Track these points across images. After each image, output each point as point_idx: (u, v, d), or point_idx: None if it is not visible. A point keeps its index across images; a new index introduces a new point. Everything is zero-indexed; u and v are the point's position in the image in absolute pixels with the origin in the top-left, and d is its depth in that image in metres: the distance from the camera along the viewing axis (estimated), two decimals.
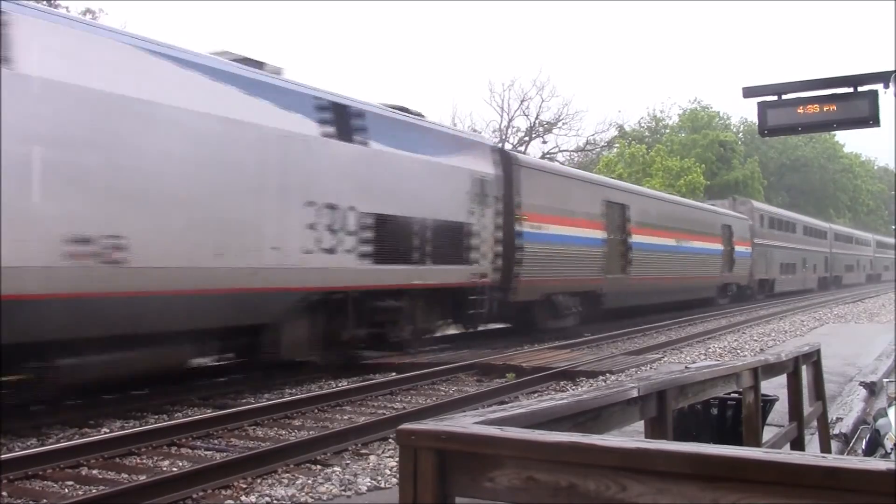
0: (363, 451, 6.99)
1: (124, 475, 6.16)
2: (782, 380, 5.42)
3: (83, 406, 8.74)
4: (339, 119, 11.38)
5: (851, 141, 76.77)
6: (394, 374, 11.19)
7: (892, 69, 8.31)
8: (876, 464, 1.42)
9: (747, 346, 14.90)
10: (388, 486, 5.75)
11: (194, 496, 5.57)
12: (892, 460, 1.43)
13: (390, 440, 7.12)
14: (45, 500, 5.53)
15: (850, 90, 8.50)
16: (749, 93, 8.94)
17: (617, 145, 45.68)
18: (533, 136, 43.01)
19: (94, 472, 6.27)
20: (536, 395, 9.78)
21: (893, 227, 66.71)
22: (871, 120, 8.46)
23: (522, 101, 42.39)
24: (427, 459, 1.77)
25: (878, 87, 8.38)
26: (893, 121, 9.47)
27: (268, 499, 5.47)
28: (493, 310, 15.11)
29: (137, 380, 9.37)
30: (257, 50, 69.44)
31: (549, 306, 17.02)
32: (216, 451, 6.96)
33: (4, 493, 5.57)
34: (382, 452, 6.88)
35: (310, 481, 5.87)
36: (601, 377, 10.93)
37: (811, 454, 1.74)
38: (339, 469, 6.25)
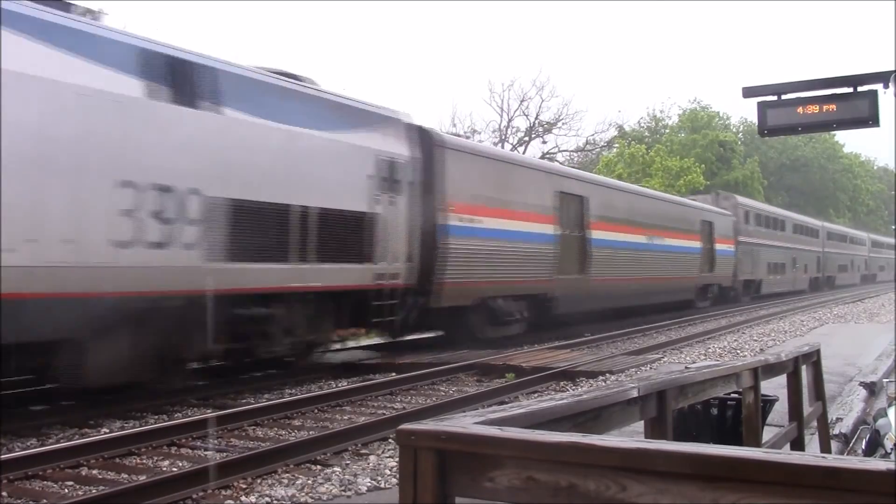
0: (363, 451, 6.99)
1: (124, 475, 6.16)
2: (782, 380, 5.42)
3: (83, 406, 8.74)
4: (175, 77, 9.07)
5: (851, 141, 76.78)
6: (394, 374, 11.20)
7: (892, 69, 8.32)
8: (876, 464, 1.42)
9: (747, 346, 14.90)
10: (388, 486, 5.75)
11: (194, 496, 5.57)
12: (892, 460, 1.43)
13: (390, 440, 7.12)
14: (45, 500, 5.54)
15: (850, 90, 8.52)
16: (749, 93, 8.96)
17: (616, 145, 45.74)
18: (532, 136, 43.14)
19: (94, 472, 6.28)
20: (536, 395, 9.78)
21: (893, 227, 66.67)
22: (871, 120, 8.47)
23: (522, 101, 42.55)
24: (427, 459, 1.77)
25: (878, 87, 8.40)
26: (893, 121, 9.47)
27: (268, 499, 5.48)
28: (411, 316, 13.07)
29: None
30: (258, 50, 69.56)
31: (485, 312, 14.98)
32: (216, 451, 6.96)
33: (4, 493, 5.58)
34: (382, 452, 6.88)
35: (310, 481, 5.87)
36: (601, 377, 10.93)
37: (811, 454, 1.74)
38: (339, 469, 6.25)
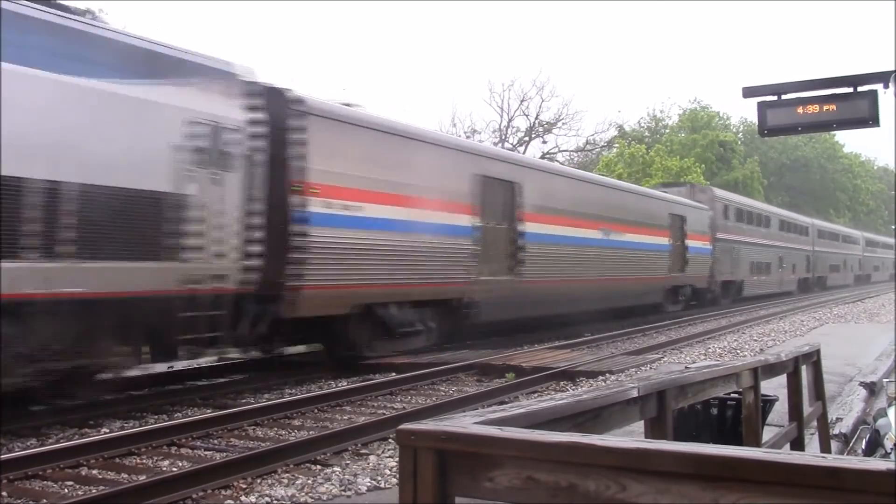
0: (363, 451, 6.99)
1: (124, 475, 6.16)
2: (782, 380, 5.42)
3: (83, 406, 8.73)
4: None
5: (851, 141, 76.95)
6: (394, 374, 11.19)
7: (892, 69, 8.32)
8: (876, 464, 1.42)
9: (747, 346, 14.90)
10: (388, 486, 5.75)
11: (194, 496, 5.58)
12: (892, 460, 1.43)
13: (390, 440, 7.12)
14: (45, 500, 5.54)
15: (850, 90, 8.52)
16: (749, 93, 8.96)
17: (616, 145, 45.77)
18: (533, 136, 43.18)
19: (94, 472, 6.28)
20: (536, 395, 9.78)
21: (893, 227, 66.62)
22: (871, 120, 8.47)
23: (522, 101, 42.62)
24: (427, 459, 1.77)
25: (878, 87, 8.40)
26: (893, 121, 9.45)
27: (268, 499, 5.48)
28: (255, 330, 10.26)
29: None
30: (257, 51, 69.52)
31: (372, 322, 12.20)
32: (216, 451, 6.97)
33: (4, 493, 5.58)
34: (382, 452, 6.88)
35: (310, 481, 5.87)
36: (601, 377, 10.93)
37: (811, 454, 1.74)
38: (339, 469, 6.25)
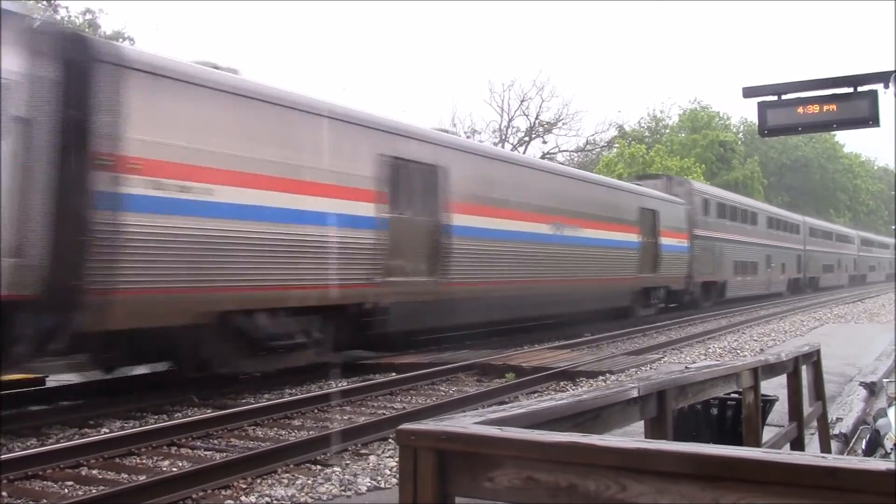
0: (363, 451, 6.99)
1: (124, 475, 6.16)
2: (782, 380, 5.42)
3: (83, 406, 8.73)
4: None
5: (851, 141, 77.05)
6: (394, 374, 11.19)
7: (892, 69, 8.32)
8: (876, 464, 1.42)
9: (747, 346, 14.90)
10: (388, 486, 5.75)
11: (194, 496, 5.57)
12: (892, 460, 1.43)
13: (390, 440, 7.12)
14: (45, 500, 5.54)
15: (850, 90, 8.52)
16: (749, 93, 8.96)
17: (617, 145, 45.78)
18: (533, 136, 43.19)
19: (94, 472, 6.27)
20: (536, 395, 9.78)
21: (893, 227, 66.62)
22: (871, 120, 8.47)
23: (522, 102, 42.65)
24: (427, 459, 1.77)
25: (878, 87, 8.40)
26: (893, 121, 9.46)
27: (268, 499, 5.48)
28: (45, 347, 8.11)
29: None
30: (258, 51, 69.48)
31: (229, 335, 9.79)
32: (216, 451, 6.96)
33: (4, 493, 5.58)
34: (382, 452, 6.88)
35: (310, 481, 5.87)
36: (601, 377, 10.93)
37: (811, 454, 1.74)
38: (339, 469, 6.25)
